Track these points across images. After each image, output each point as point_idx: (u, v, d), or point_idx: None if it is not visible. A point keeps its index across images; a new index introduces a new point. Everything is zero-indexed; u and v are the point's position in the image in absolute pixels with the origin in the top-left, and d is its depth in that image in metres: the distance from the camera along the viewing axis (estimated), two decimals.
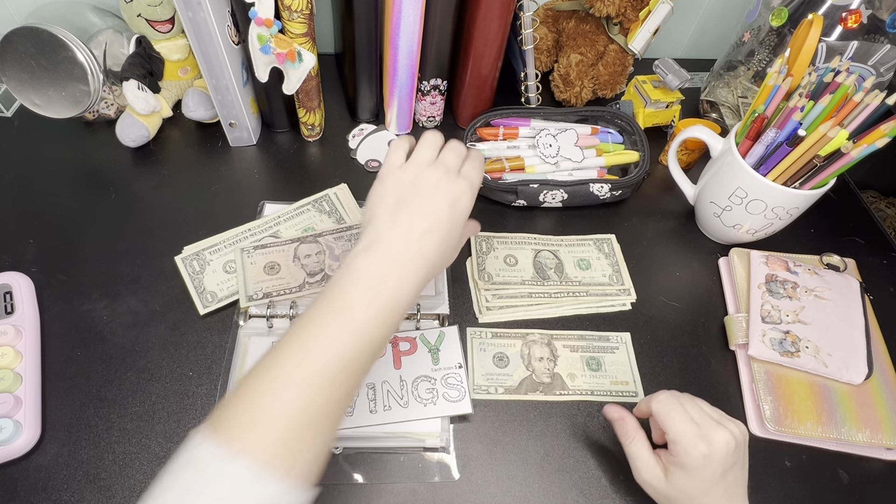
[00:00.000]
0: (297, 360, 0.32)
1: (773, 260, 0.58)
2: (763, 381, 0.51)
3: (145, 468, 0.43)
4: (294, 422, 0.30)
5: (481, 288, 0.55)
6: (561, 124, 0.66)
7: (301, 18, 0.53)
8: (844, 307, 0.55)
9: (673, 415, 0.38)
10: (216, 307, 0.52)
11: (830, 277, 0.57)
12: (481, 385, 0.50)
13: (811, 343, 0.52)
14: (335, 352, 0.32)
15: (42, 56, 0.54)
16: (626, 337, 0.54)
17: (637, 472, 0.41)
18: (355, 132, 0.70)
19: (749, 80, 0.70)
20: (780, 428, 0.49)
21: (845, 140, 0.48)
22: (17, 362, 0.46)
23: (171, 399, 0.47)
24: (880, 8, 0.59)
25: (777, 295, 0.55)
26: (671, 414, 0.38)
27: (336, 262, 0.54)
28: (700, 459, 0.37)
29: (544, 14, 0.76)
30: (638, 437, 0.41)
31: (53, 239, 0.56)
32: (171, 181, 0.62)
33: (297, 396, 0.30)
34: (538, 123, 0.66)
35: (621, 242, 0.61)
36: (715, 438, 0.37)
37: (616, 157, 0.64)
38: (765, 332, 0.53)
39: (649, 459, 0.40)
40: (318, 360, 0.32)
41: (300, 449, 0.30)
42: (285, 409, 0.30)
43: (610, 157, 0.64)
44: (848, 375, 0.51)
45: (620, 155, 0.64)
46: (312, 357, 0.32)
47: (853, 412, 0.50)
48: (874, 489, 0.48)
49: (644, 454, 0.40)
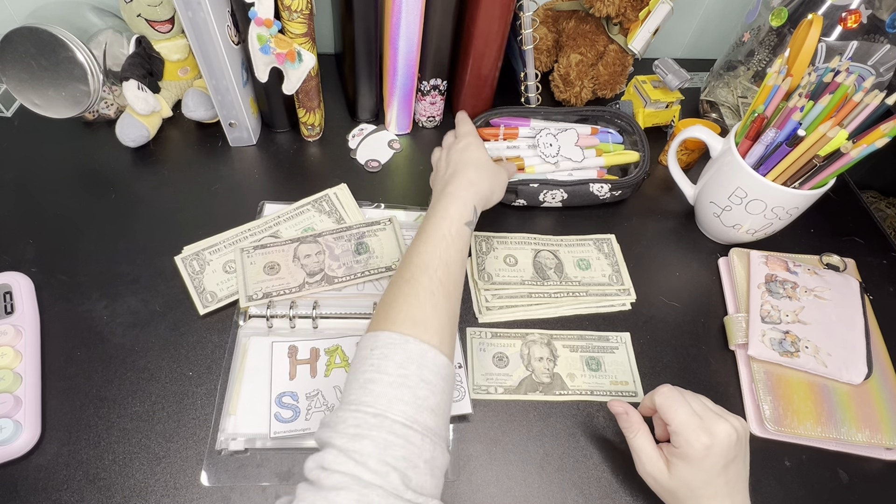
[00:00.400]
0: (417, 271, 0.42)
1: (773, 260, 0.58)
2: (763, 381, 0.51)
3: (145, 468, 0.43)
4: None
5: (481, 288, 0.55)
6: (561, 124, 0.66)
7: (301, 18, 0.53)
8: (844, 307, 0.55)
9: (676, 406, 0.40)
10: (216, 307, 0.52)
11: (830, 277, 0.57)
12: (481, 385, 0.50)
13: (811, 343, 0.52)
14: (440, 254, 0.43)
15: (42, 56, 0.54)
16: (625, 337, 0.54)
17: (641, 465, 0.41)
18: (355, 132, 0.70)
19: (749, 80, 0.70)
20: (780, 428, 0.49)
21: (845, 140, 0.48)
22: (17, 362, 0.46)
23: (171, 399, 0.47)
24: (880, 8, 0.59)
25: (777, 295, 0.55)
26: (674, 406, 0.40)
27: (336, 262, 0.54)
28: (702, 450, 0.38)
29: (544, 14, 0.76)
30: (642, 431, 0.42)
31: (53, 239, 0.56)
32: (171, 181, 0.62)
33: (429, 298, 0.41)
34: (538, 123, 0.66)
35: (621, 242, 0.61)
36: (717, 430, 0.38)
37: (616, 157, 0.64)
38: (764, 332, 0.53)
39: (653, 452, 0.41)
40: (430, 265, 0.42)
41: (451, 340, 0.41)
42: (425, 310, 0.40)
43: (610, 157, 0.64)
44: (847, 375, 0.51)
45: (620, 155, 0.64)
46: (426, 263, 0.42)
47: (853, 412, 0.50)
48: (874, 489, 0.48)
49: (648, 447, 0.41)
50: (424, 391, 0.36)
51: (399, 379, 0.35)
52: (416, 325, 0.38)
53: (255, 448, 0.45)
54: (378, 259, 0.55)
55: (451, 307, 0.42)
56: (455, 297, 0.42)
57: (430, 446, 0.34)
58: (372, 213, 0.61)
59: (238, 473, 0.44)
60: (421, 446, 0.34)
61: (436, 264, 0.42)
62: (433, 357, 0.37)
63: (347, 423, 0.34)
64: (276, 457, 0.45)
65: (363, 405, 0.34)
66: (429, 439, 0.34)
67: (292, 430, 0.45)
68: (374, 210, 0.61)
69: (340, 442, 0.33)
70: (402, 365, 0.36)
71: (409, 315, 0.39)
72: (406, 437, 0.33)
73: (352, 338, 0.50)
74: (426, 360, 0.37)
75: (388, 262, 0.55)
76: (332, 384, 0.47)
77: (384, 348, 0.37)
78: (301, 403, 0.46)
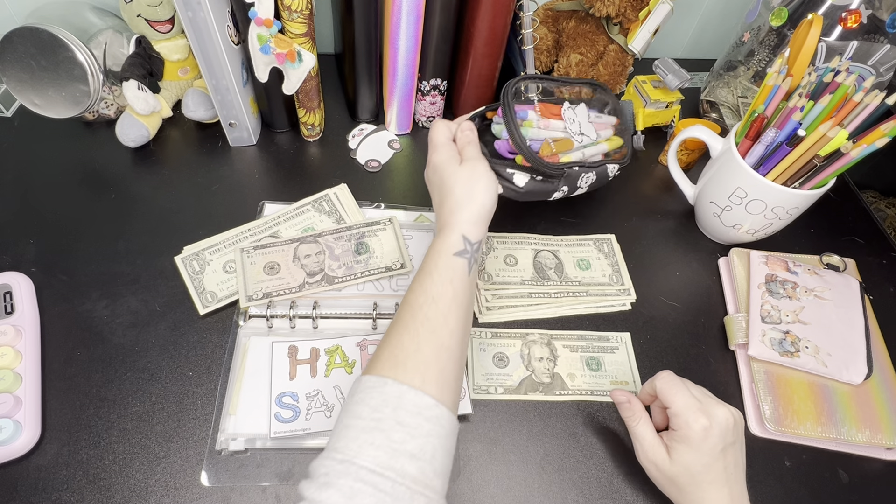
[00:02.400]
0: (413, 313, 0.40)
1: (773, 260, 0.58)
2: (763, 381, 0.51)
3: (145, 468, 0.43)
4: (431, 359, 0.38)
5: (481, 288, 0.55)
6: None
7: (301, 18, 0.53)
8: (844, 307, 0.55)
9: (675, 390, 0.41)
10: (216, 307, 0.52)
11: (830, 277, 0.57)
12: (481, 385, 0.50)
13: (811, 343, 0.52)
14: (440, 291, 0.41)
15: (42, 56, 0.54)
16: (625, 337, 0.54)
17: (643, 452, 0.42)
18: (355, 132, 0.70)
19: (749, 80, 0.70)
20: (780, 428, 0.49)
21: (845, 140, 0.48)
22: (17, 362, 0.46)
23: (171, 399, 0.47)
24: (880, 8, 0.59)
25: (777, 295, 0.55)
26: (673, 389, 0.41)
27: (336, 262, 0.54)
28: (701, 431, 0.39)
29: (544, 14, 0.76)
30: (644, 419, 0.43)
31: (53, 239, 0.56)
32: (171, 181, 0.62)
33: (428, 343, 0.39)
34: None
35: (621, 242, 0.61)
36: (715, 413, 0.40)
37: (614, 142, 0.59)
38: (765, 332, 0.53)
39: (654, 439, 0.42)
40: (426, 306, 0.40)
41: (441, 378, 0.37)
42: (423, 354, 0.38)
43: (611, 141, 0.59)
44: (848, 375, 0.51)
45: (614, 140, 0.59)
46: (423, 307, 0.40)
47: (853, 412, 0.50)
48: (874, 489, 0.48)
49: (649, 435, 0.42)
50: (400, 434, 0.33)
51: (372, 423, 0.34)
52: (397, 366, 0.37)
53: (255, 448, 0.45)
54: (378, 259, 0.55)
55: (441, 342, 0.39)
56: (446, 331, 0.39)
57: (407, 495, 0.31)
58: (372, 213, 0.61)
59: (238, 473, 0.44)
60: (394, 494, 0.31)
61: (421, 301, 0.40)
62: (413, 397, 0.35)
63: (318, 472, 0.32)
64: (276, 457, 0.45)
65: (334, 451, 0.33)
66: (405, 487, 0.31)
67: (292, 430, 0.45)
68: (374, 210, 0.61)
69: (309, 492, 0.31)
70: (377, 408, 0.34)
71: (390, 355, 0.38)
72: (375, 485, 0.31)
73: (352, 338, 0.50)
74: (404, 402, 0.35)
75: (388, 263, 0.55)
76: (332, 384, 0.47)
77: (362, 392, 0.36)
78: (301, 403, 0.46)
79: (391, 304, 0.52)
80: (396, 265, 0.54)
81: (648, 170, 0.71)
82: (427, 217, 0.61)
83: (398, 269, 0.54)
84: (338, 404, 0.46)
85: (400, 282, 0.55)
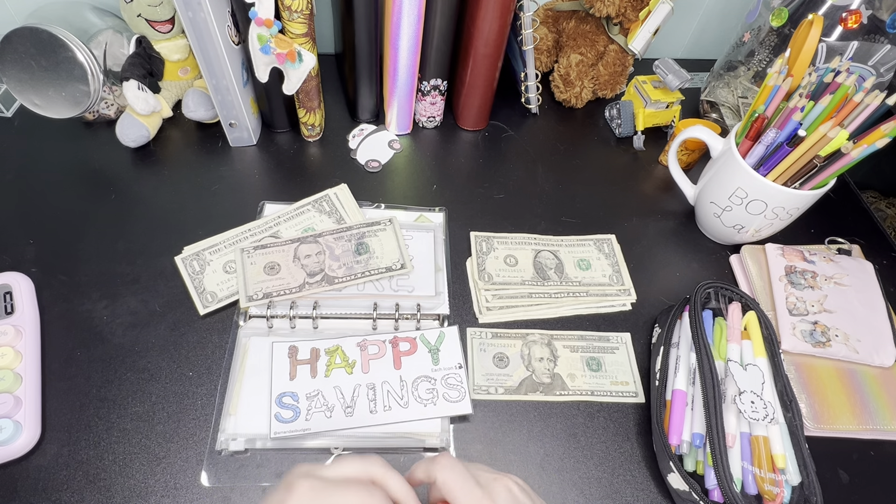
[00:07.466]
0: None
1: (789, 251, 0.58)
2: (795, 378, 0.50)
3: (145, 468, 0.43)
4: None
5: (481, 288, 0.55)
6: None
7: (301, 18, 0.53)
8: (864, 291, 0.55)
9: (460, 484, 0.32)
10: (216, 307, 0.52)
11: (846, 263, 0.57)
12: (481, 385, 0.50)
13: (840, 331, 0.52)
14: None
15: (42, 56, 0.54)
16: (626, 337, 0.54)
17: None
18: (355, 132, 0.70)
19: (749, 80, 0.70)
20: (819, 425, 0.48)
21: (845, 140, 0.48)
22: (17, 362, 0.46)
23: (171, 399, 0.47)
24: (880, 8, 0.59)
25: (799, 286, 0.55)
26: (458, 484, 0.32)
27: (336, 262, 0.54)
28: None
29: (544, 14, 0.76)
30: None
31: (53, 239, 0.56)
32: (171, 181, 0.62)
33: None
34: None
35: (621, 242, 0.61)
36: (495, 492, 0.32)
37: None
38: (794, 325, 0.52)
39: None
40: None
41: None
42: None
43: None
44: (879, 359, 0.51)
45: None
46: None
47: (884, 399, 0.50)
48: (874, 489, 0.48)
49: None
50: None
51: None
52: None
53: (256, 448, 0.45)
54: (378, 259, 0.55)
55: None
56: None
57: None
58: (372, 213, 0.61)
59: (238, 474, 0.44)
60: None
61: None
62: None
63: None
64: (276, 457, 0.45)
65: None
66: None
67: (292, 431, 0.45)
68: (375, 210, 0.61)
69: None
70: None
71: None
72: None
73: (352, 338, 0.50)
74: None
75: (388, 263, 0.55)
76: (332, 384, 0.47)
77: None
78: (301, 404, 0.46)
79: (391, 304, 0.52)
80: (396, 265, 0.54)
81: (648, 170, 0.71)
82: (427, 217, 0.61)
83: (398, 269, 0.54)
84: (338, 404, 0.46)
85: (400, 282, 0.55)
